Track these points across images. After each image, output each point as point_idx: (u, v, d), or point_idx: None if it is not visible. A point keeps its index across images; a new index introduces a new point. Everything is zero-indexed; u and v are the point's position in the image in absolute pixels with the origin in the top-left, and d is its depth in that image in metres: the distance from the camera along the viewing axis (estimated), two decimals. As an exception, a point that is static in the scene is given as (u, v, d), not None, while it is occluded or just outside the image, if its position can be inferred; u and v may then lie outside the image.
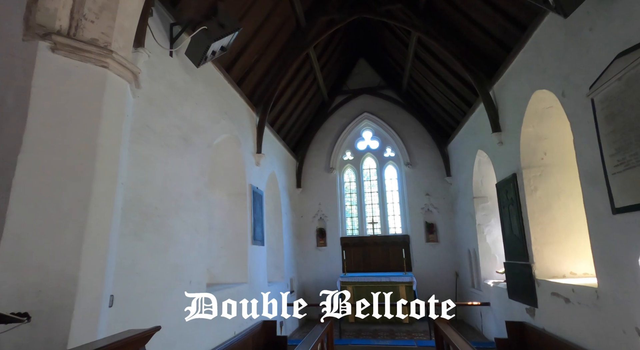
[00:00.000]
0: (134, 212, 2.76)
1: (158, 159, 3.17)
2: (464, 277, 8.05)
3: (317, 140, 10.03)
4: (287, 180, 8.58)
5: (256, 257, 5.62)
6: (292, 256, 8.31)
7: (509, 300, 5.21)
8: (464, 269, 8.02)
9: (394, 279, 7.62)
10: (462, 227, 7.92)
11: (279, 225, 7.59)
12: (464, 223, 7.79)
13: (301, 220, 9.58)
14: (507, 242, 5.30)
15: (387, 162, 9.88)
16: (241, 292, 4.83)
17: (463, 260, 8.02)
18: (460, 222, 8.14)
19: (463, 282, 8.09)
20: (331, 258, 9.20)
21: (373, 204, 9.78)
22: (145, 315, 2.75)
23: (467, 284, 7.77)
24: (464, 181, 7.68)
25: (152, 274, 2.96)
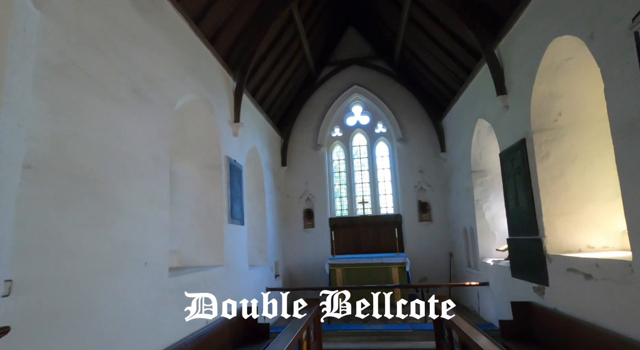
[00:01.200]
0: (54, 173, 2.10)
1: (94, 109, 2.49)
2: (458, 257, 7.65)
3: (303, 116, 9.36)
4: (270, 158, 7.94)
5: (234, 237, 5.03)
6: (277, 238, 7.75)
7: (513, 280, 4.78)
8: (459, 249, 7.61)
9: (386, 260, 7.17)
10: (458, 205, 7.47)
11: (262, 205, 6.98)
12: (459, 200, 7.33)
13: (287, 200, 8.99)
14: (511, 216, 4.82)
15: (378, 138, 9.30)
16: (215, 276, 4.25)
17: (458, 239, 7.60)
18: (455, 199, 7.68)
19: (458, 262, 7.70)
20: (319, 240, 8.69)
21: (363, 182, 9.25)
22: (73, 304, 2.13)
23: (462, 264, 7.37)
24: (460, 155, 7.18)
25: (89, 253, 2.33)
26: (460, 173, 7.18)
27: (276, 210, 7.96)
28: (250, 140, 6.45)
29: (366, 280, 7.09)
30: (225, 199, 4.77)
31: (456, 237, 7.74)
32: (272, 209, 7.60)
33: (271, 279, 6.83)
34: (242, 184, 5.59)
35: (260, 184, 7.04)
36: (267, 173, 7.39)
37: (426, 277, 8.16)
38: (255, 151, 6.81)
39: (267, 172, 7.47)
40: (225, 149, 5.01)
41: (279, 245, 7.93)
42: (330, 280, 7.24)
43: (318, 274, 8.18)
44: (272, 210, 7.51)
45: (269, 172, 7.63)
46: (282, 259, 8.06)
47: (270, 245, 7.01)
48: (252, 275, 5.73)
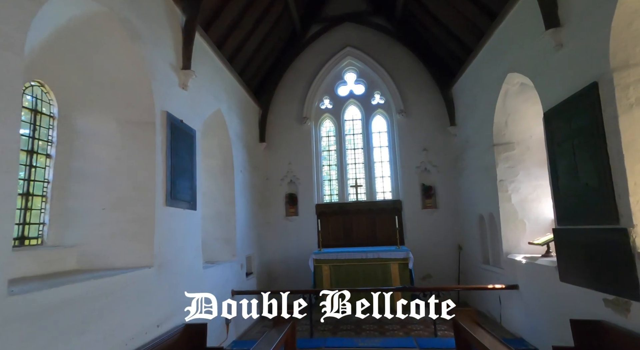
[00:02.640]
0: None
1: None
2: (470, 250, 6.36)
3: (286, 83, 7.86)
4: (244, 130, 6.47)
5: (177, 226, 3.60)
6: (251, 227, 6.34)
7: (562, 285, 3.47)
8: (471, 241, 6.31)
9: (384, 254, 5.83)
10: (472, 188, 6.13)
11: (230, 187, 5.55)
12: (474, 182, 5.99)
13: (266, 183, 7.56)
14: (563, 197, 3.48)
15: (375, 111, 7.88)
16: (137, 283, 2.83)
17: (470, 229, 6.30)
18: (468, 181, 6.34)
19: (470, 257, 6.40)
20: (304, 230, 7.31)
21: (357, 163, 7.85)
22: None
23: (475, 259, 6.08)
24: (476, 127, 5.81)
25: None
26: (477, 149, 5.82)
27: (251, 194, 6.54)
28: (211, 101, 4.96)
29: (359, 279, 5.76)
30: (161, 172, 3.33)
31: (468, 227, 6.43)
32: (245, 191, 6.17)
33: (240, 279, 5.45)
34: (194, 154, 4.14)
35: (228, 160, 5.59)
36: (238, 147, 5.93)
37: (430, 274, 6.87)
38: (221, 117, 5.33)
39: (239, 146, 6.01)
40: (164, 101, 3.54)
41: (254, 237, 6.53)
42: (315, 279, 5.89)
43: (303, 270, 6.79)
44: (244, 193, 6.08)
45: (242, 146, 6.18)
46: (258, 253, 6.67)
47: (240, 237, 5.61)
48: (210, 277, 4.33)
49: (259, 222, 6.93)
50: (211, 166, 5.45)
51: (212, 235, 5.26)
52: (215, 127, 5.36)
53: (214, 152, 5.47)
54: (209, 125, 5.25)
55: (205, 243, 5.13)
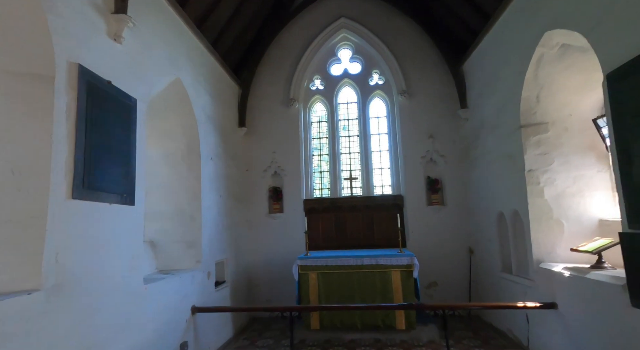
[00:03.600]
0: None
1: None
2: (485, 255, 5.38)
3: (270, 60, 6.80)
4: (218, 111, 5.42)
5: (97, 227, 2.57)
6: (224, 227, 5.31)
7: (632, 311, 2.49)
8: (486, 244, 5.33)
9: (384, 260, 4.82)
10: (489, 180, 5.14)
11: (195, 177, 4.51)
12: (492, 173, 4.99)
13: (246, 175, 6.52)
14: (636, 189, 2.49)
15: (374, 92, 6.84)
16: (14, 314, 1.80)
17: (485, 230, 5.32)
18: (483, 173, 5.35)
19: (484, 262, 5.42)
20: (290, 229, 6.29)
21: (352, 152, 6.83)
22: None
23: (491, 266, 5.10)
24: (496, 107, 4.81)
25: None
26: (496, 133, 4.83)
27: (226, 187, 5.49)
28: (166, 67, 3.90)
29: (353, 290, 4.75)
30: (63, 149, 2.28)
31: (482, 227, 5.45)
32: (217, 183, 5.13)
33: (206, 292, 4.42)
34: (133, 131, 3.09)
35: (193, 144, 4.54)
36: (207, 130, 4.89)
37: (436, 282, 5.90)
38: (182, 90, 4.27)
39: (209, 128, 4.96)
40: (76, 50, 2.48)
41: (229, 238, 5.49)
42: (300, 290, 4.87)
43: (289, 276, 5.74)
44: (215, 185, 5.04)
45: (213, 129, 5.13)
46: (234, 258, 5.64)
47: (208, 238, 4.58)
48: (157, 293, 3.30)
49: (237, 221, 5.89)
50: (170, 150, 4.40)
51: (170, 237, 4.22)
52: (175, 102, 4.30)
53: (174, 133, 4.42)
54: (166, 99, 4.20)
55: (160, 247, 4.09)
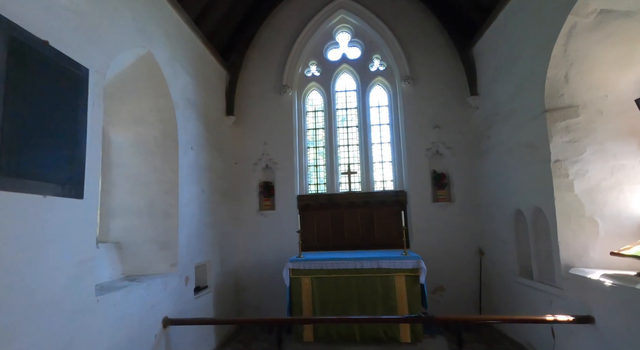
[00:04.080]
0: None
1: None
2: (498, 257, 4.84)
3: (262, 43, 6.22)
4: (202, 95, 4.84)
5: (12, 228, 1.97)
6: (208, 225, 4.73)
7: None
8: (498, 245, 4.79)
9: (387, 263, 4.27)
10: (503, 173, 4.59)
11: (172, 168, 3.93)
12: (507, 165, 4.45)
13: (234, 168, 5.94)
14: None
15: (374, 79, 6.28)
16: None
17: (498, 229, 4.78)
18: (496, 165, 4.81)
19: (497, 266, 4.88)
20: (282, 228, 5.72)
21: (351, 145, 6.27)
22: None
23: (506, 269, 4.56)
24: (514, 91, 4.26)
25: None
26: (513, 121, 4.28)
27: (210, 181, 4.92)
28: (132, 36, 3.31)
29: (352, 297, 4.20)
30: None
31: (495, 226, 4.91)
32: (199, 176, 4.55)
33: (182, 300, 3.84)
34: (83, 107, 2.50)
35: (170, 131, 3.96)
36: (188, 116, 4.31)
37: (442, 286, 5.36)
38: (154, 67, 3.68)
39: (190, 114, 4.39)
40: (-5, -6, 1.89)
41: (213, 237, 4.92)
42: (292, 297, 4.30)
43: (281, 279, 5.18)
44: (197, 178, 4.47)
45: (195, 116, 4.55)
46: (219, 259, 5.07)
47: (186, 238, 4.00)
48: (115, 306, 2.72)
49: (222, 218, 5.32)
50: (141, 137, 3.82)
51: (139, 236, 3.64)
52: (146, 81, 3.71)
53: (147, 117, 3.83)
54: (136, 76, 3.61)
55: (127, 249, 3.52)
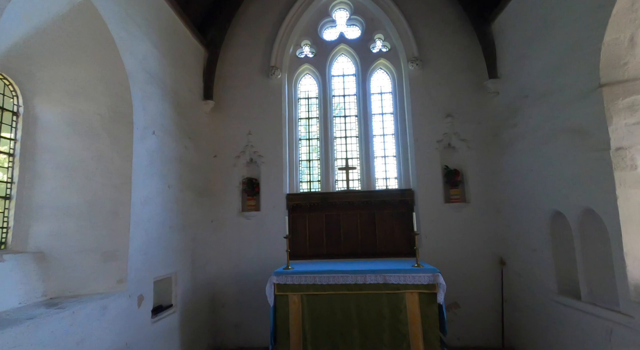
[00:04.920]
0: None
1: None
2: (526, 269, 4.04)
3: (247, 17, 5.39)
4: (171, 73, 3.98)
5: None
6: (175, 229, 3.85)
7: None
8: (527, 254, 4.00)
9: (395, 276, 3.43)
10: (534, 168, 3.80)
11: (124, 157, 3.06)
12: (541, 157, 3.66)
13: (212, 161, 5.07)
14: None
15: (376, 62, 5.47)
16: None
17: (526, 234, 3.99)
18: (523, 158, 4.02)
19: (525, 279, 4.07)
20: (268, 232, 4.86)
21: (349, 136, 5.44)
22: None
23: (538, 284, 3.76)
24: (551, 66, 3.47)
25: None
26: (550, 102, 3.50)
27: (180, 175, 4.05)
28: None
29: (351, 320, 3.34)
30: None
31: (522, 231, 4.11)
32: (164, 168, 3.68)
33: (133, 327, 2.96)
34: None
35: (122, 109, 3.09)
36: (150, 93, 3.45)
37: (457, 302, 4.54)
38: (96, 20, 2.81)
39: (153, 91, 3.52)
40: None
41: (182, 243, 4.04)
42: (276, 320, 3.42)
43: (266, 295, 4.31)
44: (160, 170, 3.60)
45: (160, 94, 3.69)
46: (190, 270, 4.19)
47: (141, 245, 3.12)
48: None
49: (196, 220, 4.44)
50: (81, 114, 2.94)
51: (73, 244, 2.76)
52: (86, 39, 2.84)
53: (89, 89, 2.96)
54: (70, 31, 2.74)
55: (54, 261, 2.64)
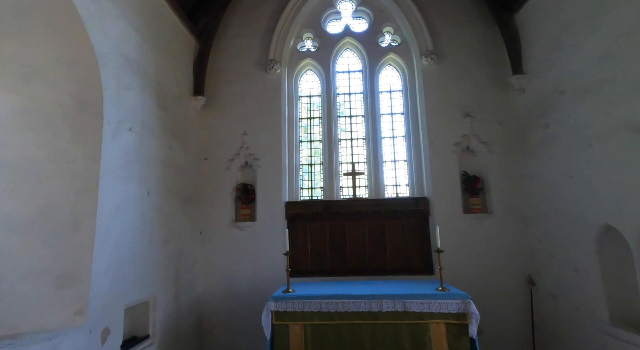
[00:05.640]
0: None
1: None
2: (565, 292, 3.49)
3: (243, 6, 4.89)
4: (155, 62, 3.44)
5: None
6: (152, 243, 3.27)
7: None
8: (566, 274, 3.45)
9: (417, 304, 2.86)
10: (574, 174, 3.28)
11: (90, 156, 2.48)
12: (588, 160, 3.14)
13: (202, 164, 4.50)
14: None
15: (385, 57, 4.97)
16: None
17: (564, 252, 3.46)
18: (559, 164, 3.49)
19: (562, 304, 3.51)
20: (264, 245, 4.28)
21: (355, 138, 4.91)
22: None
23: (582, 310, 3.21)
24: (601, 53, 2.98)
25: None
26: (601, 96, 2.99)
27: (163, 179, 3.48)
28: None
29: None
30: None
31: (559, 248, 3.58)
32: (142, 172, 3.11)
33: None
34: None
35: (90, 98, 2.53)
36: (126, 82, 2.90)
37: (480, 327, 3.97)
38: None
39: (131, 81, 2.98)
40: None
41: (164, 260, 3.44)
42: (274, 357, 2.85)
43: (261, 318, 3.70)
44: (137, 174, 3.03)
45: (140, 84, 3.14)
46: (173, 293, 3.58)
47: (110, 266, 2.53)
48: None
49: (181, 232, 3.85)
50: (35, 103, 2.37)
51: (15, 265, 2.17)
52: (44, 12, 2.29)
53: (46, 72, 2.40)
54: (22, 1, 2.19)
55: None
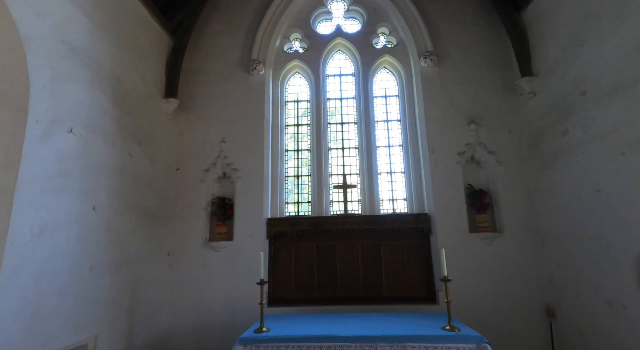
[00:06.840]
0: None
1: None
2: (591, 326, 2.95)
3: (224, 2, 4.47)
4: (113, 55, 2.95)
5: None
6: (97, 272, 2.69)
7: None
8: (594, 305, 2.93)
9: (419, 347, 2.30)
10: (602, 188, 2.79)
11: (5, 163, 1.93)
12: (619, 173, 2.66)
13: (172, 175, 3.96)
14: None
15: (380, 59, 4.53)
16: None
17: (591, 280, 2.94)
18: (584, 175, 3.01)
19: (591, 341, 2.98)
20: (241, 269, 3.70)
21: (347, 147, 4.41)
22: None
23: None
24: (629, 48, 2.55)
25: None
26: (632, 97, 2.54)
27: (119, 192, 2.94)
28: None
29: None
30: None
31: (582, 275, 3.05)
32: (88, 182, 2.57)
33: None
34: None
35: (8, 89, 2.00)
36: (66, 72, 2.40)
37: (492, 367, 3.40)
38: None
39: (74, 72, 2.48)
40: None
41: (113, 291, 2.86)
42: None
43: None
44: (80, 184, 2.48)
45: (88, 76, 2.65)
46: (126, 330, 2.98)
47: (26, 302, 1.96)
48: None
49: (140, 254, 3.27)
50: None
51: None
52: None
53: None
54: None
55: None
